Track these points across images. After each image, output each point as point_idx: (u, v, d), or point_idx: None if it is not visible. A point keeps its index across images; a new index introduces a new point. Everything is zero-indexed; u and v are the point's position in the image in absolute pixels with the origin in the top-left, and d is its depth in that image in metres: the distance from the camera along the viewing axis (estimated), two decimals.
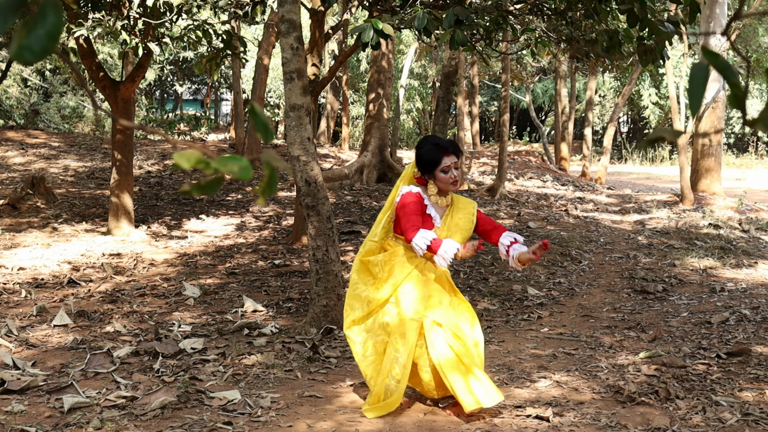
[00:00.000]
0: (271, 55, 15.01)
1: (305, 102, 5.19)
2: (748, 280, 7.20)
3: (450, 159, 3.72)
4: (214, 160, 1.03)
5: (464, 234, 3.82)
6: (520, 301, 6.43)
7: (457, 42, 5.38)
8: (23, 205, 9.92)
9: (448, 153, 3.71)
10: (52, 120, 20.73)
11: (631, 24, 5.76)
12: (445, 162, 3.71)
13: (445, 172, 3.72)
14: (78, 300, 6.03)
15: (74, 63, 9.34)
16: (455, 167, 3.74)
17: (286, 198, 11.49)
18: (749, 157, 28.62)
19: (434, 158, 3.71)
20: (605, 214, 11.65)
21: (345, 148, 19.01)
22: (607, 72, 17.55)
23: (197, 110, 33.82)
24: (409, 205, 3.73)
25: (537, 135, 33.44)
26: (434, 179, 3.76)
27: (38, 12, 0.92)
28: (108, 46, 21.53)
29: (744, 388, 4.11)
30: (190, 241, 8.65)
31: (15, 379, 4.00)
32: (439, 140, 3.77)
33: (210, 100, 35.19)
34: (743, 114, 1.04)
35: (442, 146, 3.72)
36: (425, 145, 3.78)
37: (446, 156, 3.71)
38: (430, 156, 3.72)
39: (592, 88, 18.52)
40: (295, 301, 6.16)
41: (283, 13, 5.22)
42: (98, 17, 7.13)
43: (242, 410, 3.73)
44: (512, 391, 4.14)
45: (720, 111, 12.76)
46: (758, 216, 11.22)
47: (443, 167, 3.71)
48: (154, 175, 13.53)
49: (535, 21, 8.13)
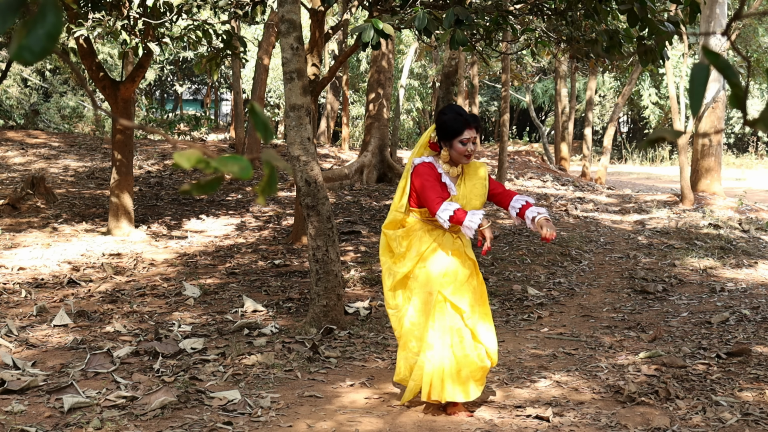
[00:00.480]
0: (271, 55, 15.01)
1: (305, 102, 5.19)
2: (748, 280, 7.20)
3: (471, 132, 3.72)
4: (214, 159, 1.03)
5: (481, 199, 3.83)
6: (520, 301, 6.43)
7: (457, 42, 5.38)
8: (23, 205, 9.92)
9: (470, 126, 3.72)
10: (52, 120, 20.72)
11: (631, 24, 5.76)
12: (466, 134, 3.70)
13: (463, 144, 3.71)
14: (78, 300, 6.03)
15: (74, 63, 9.34)
16: (473, 141, 3.75)
17: (286, 198, 11.49)
18: (749, 157, 28.62)
19: (457, 128, 3.70)
20: (605, 214, 11.65)
21: (345, 148, 19.01)
22: (607, 72, 17.55)
23: (197, 110, 33.82)
24: (427, 177, 3.72)
25: (537, 135, 33.44)
26: (450, 148, 3.75)
27: (38, 12, 0.92)
28: (108, 46, 21.52)
29: (744, 388, 4.11)
30: (190, 241, 8.65)
31: (15, 379, 4.00)
32: (463, 111, 3.77)
33: (210, 100, 35.19)
34: (744, 114, 1.04)
35: (465, 117, 3.72)
36: (450, 113, 3.75)
37: (468, 128, 3.71)
38: (454, 124, 3.71)
39: (592, 88, 18.51)
40: (295, 301, 6.16)
41: (283, 13, 5.22)
42: (98, 17, 7.13)
43: (242, 410, 3.73)
44: (512, 391, 4.14)
45: (720, 111, 12.76)
46: (758, 216, 11.22)
47: (462, 138, 3.71)
48: (154, 175, 13.53)
49: (535, 21, 8.13)
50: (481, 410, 3.84)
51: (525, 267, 7.68)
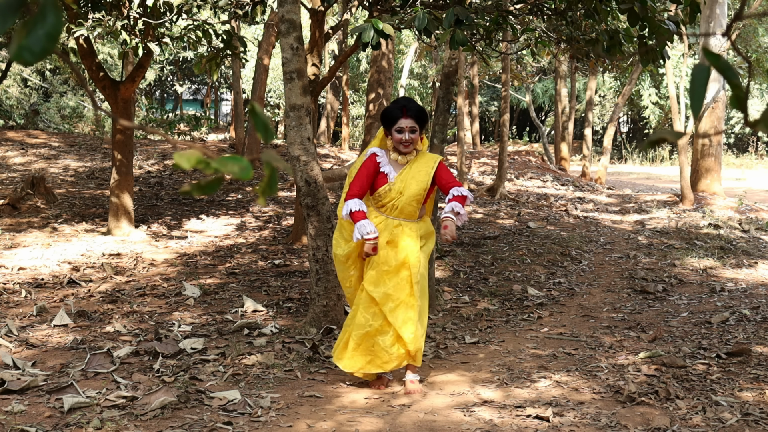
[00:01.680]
0: (271, 55, 15.01)
1: (305, 102, 5.19)
2: (748, 280, 7.20)
3: (407, 122, 3.84)
4: (214, 160, 1.03)
5: (420, 185, 3.94)
6: (520, 301, 6.43)
7: (457, 42, 5.38)
8: (23, 205, 9.92)
9: (407, 115, 3.84)
10: (52, 120, 20.72)
11: (631, 23, 5.75)
12: (401, 123, 3.83)
13: (399, 132, 3.85)
14: (78, 300, 6.03)
15: (74, 63, 9.34)
16: (410, 131, 3.85)
17: (286, 198, 11.49)
18: (749, 157, 28.61)
19: (394, 116, 3.85)
20: (605, 214, 11.65)
21: (345, 148, 19.01)
22: (607, 72, 17.54)
23: (197, 110, 33.81)
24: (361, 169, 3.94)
25: (537, 135, 33.43)
26: (390, 136, 3.93)
27: (38, 12, 0.92)
28: (108, 46, 21.52)
29: (744, 388, 4.11)
30: (190, 241, 8.65)
31: (15, 379, 4.00)
32: (406, 102, 3.90)
33: (210, 100, 35.19)
34: (745, 115, 1.04)
35: (404, 107, 3.84)
36: (393, 104, 3.93)
37: (404, 117, 3.84)
38: (390, 113, 3.87)
39: (592, 88, 18.51)
40: (295, 301, 6.16)
41: (283, 13, 5.22)
42: (98, 17, 7.13)
43: (242, 410, 3.73)
44: (512, 391, 4.14)
45: (720, 111, 12.76)
46: (758, 216, 11.22)
47: (398, 127, 3.84)
48: (154, 175, 13.53)
49: (535, 21, 8.12)
50: (482, 410, 3.84)
51: (525, 267, 7.68)
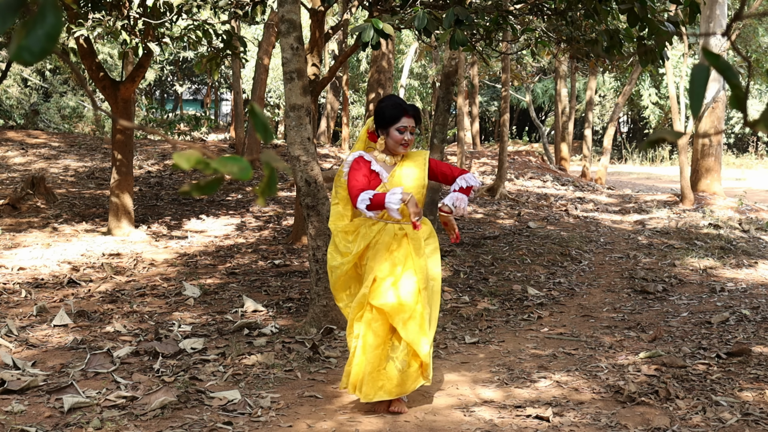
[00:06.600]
0: (271, 55, 15.01)
1: (305, 102, 5.19)
2: (748, 280, 7.20)
3: (408, 121, 3.77)
4: (214, 160, 1.03)
5: (418, 182, 3.83)
6: (520, 301, 6.43)
7: (457, 42, 5.38)
8: (23, 205, 9.92)
9: (408, 114, 3.77)
10: (52, 120, 20.72)
11: (631, 24, 5.76)
12: (403, 122, 3.76)
13: (400, 132, 3.76)
14: (78, 300, 6.03)
15: (74, 63, 9.34)
16: (411, 131, 3.79)
17: (286, 198, 11.49)
18: (749, 157, 28.62)
19: (395, 115, 3.76)
20: (605, 214, 11.65)
21: (345, 148, 19.01)
22: (607, 72, 17.54)
23: (197, 110, 33.82)
24: (352, 171, 3.76)
25: (537, 135, 33.43)
26: (387, 135, 3.79)
27: (38, 12, 0.92)
28: (108, 46, 21.52)
29: (744, 388, 4.11)
30: (190, 241, 8.65)
31: (15, 379, 4.00)
32: (402, 101, 3.83)
33: (210, 100, 35.19)
34: (744, 115, 1.04)
35: (404, 106, 3.78)
36: (388, 101, 3.82)
37: (406, 116, 3.77)
38: (392, 112, 3.77)
39: (592, 88, 18.51)
40: (295, 301, 6.16)
41: (283, 13, 5.22)
42: (98, 17, 7.13)
43: (242, 410, 3.73)
44: (512, 391, 4.14)
45: (720, 111, 12.76)
46: (758, 216, 11.22)
47: (400, 126, 3.75)
48: (154, 175, 13.53)
49: (535, 21, 8.12)
50: (482, 410, 3.84)
51: (525, 267, 7.68)
